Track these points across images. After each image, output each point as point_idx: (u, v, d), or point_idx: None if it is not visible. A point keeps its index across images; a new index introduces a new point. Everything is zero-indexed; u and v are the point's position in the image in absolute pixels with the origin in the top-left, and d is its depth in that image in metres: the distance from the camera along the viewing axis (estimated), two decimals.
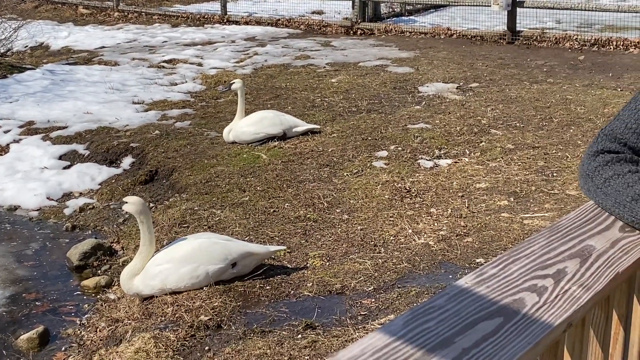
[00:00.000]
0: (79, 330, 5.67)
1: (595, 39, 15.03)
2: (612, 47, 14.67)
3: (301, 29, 17.51)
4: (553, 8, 16.63)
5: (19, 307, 6.19)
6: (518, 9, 15.43)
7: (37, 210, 8.18)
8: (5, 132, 10.10)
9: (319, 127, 9.32)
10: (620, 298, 1.89)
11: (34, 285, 6.58)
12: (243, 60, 13.75)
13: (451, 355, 1.28)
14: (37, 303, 6.25)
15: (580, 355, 1.76)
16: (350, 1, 17.57)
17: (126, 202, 5.72)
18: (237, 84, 9.15)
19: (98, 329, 5.53)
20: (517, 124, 9.25)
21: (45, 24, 17.93)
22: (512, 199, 7.01)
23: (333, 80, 11.94)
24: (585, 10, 16.46)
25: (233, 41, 15.88)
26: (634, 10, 15.86)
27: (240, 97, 9.05)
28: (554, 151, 8.22)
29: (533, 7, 15.95)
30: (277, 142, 8.87)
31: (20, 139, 9.85)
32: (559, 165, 7.77)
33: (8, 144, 9.76)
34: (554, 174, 7.56)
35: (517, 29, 15.47)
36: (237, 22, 18.32)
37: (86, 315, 5.92)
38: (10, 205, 8.28)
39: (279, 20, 18.18)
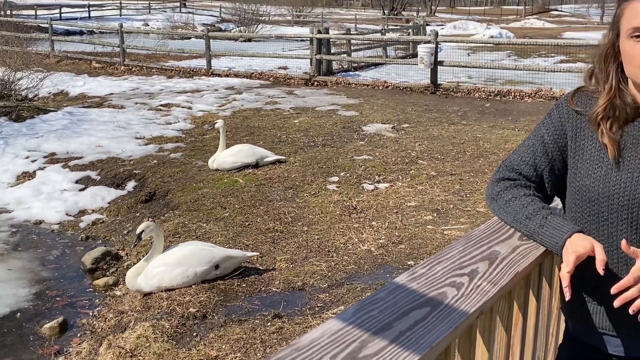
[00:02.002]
0: (91, 320, 5.60)
1: (498, 90, 15.27)
2: (511, 97, 14.91)
3: (270, 81, 17.57)
4: (465, 66, 16.90)
5: (43, 302, 6.11)
6: (439, 67, 15.64)
7: (58, 224, 8.10)
8: (32, 161, 10.00)
9: (284, 157, 9.32)
10: (519, 292, 1.92)
11: (55, 284, 6.51)
12: (224, 105, 13.73)
13: (391, 337, 1.29)
14: (57, 298, 6.18)
15: (489, 336, 1.78)
16: (309, 59, 17.68)
17: (143, 227, 5.74)
18: (219, 123, 9.16)
19: (107, 319, 5.47)
20: (439, 156, 9.34)
21: (65, 75, 17.76)
22: (435, 215, 7.06)
23: (295, 121, 11.96)
24: (490, 68, 16.75)
25: (216, 89, 15.86)
26: (528, 69, 16.16)
27: (222, 133, 9.05)
28: (467, 177, 8.31)
29: (450, 66, 16.20)
30: (251, 170, 8.86)
31: (45, 167, 9.75)
32: (471, 189, 7.85)
33: (34, 171, 9.67)
34: (467, 195, 7.63)
35: (438, 82, 15.67)
36: (219, 75, 18.33)
37: (97, 308, 5.85)
38: (36, 220, 8.20)
39: (252, 73, 18.23)
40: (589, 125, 1.81)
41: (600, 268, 1.62)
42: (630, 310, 1.58)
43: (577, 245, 1.68)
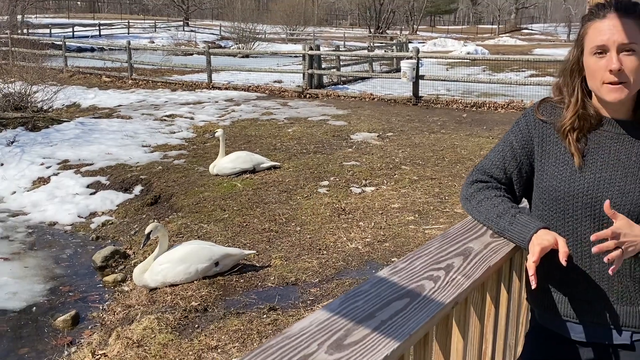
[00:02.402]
0: (101, 313, 5.59)
1: (474, 102, 15.32)
2: (486, 108, 14.96)
3: (266, 93, 17.55)
4: (444, 80, 16.95)
5: (57, 297, 6.09)
6: (420, 81, 15.68)
7: (70, 225, 8.08)
8: (47, 167, 9.96)
9: (279, 164, 9.32)
10: (491, 285, 1.92)
11: (68, 280, 6.49)
12: (224, 115, 13.72)
13: (373, 325, 1.30)
14: (70, 294, 6.16)
15: (464, 325, 1.78)
16: (301, 74, 17.70)
17: (151, 227, 5.74)
18: (219, 132, 9.15)
19: (115, 312, 5.46)
20: (420, 162, 9.37)
21: (77, 88, 17.69)
22: (416, 215, 7.07)
23: (289, 130, 11.96)
24: (467, 82, 16.80)
25: (216, 101, 15.84)
26: (501, 82, 16.25)
27: (221, 142, 9.04)
28: (446, 181, 8.33)
29: (430, 80, 16.24)
30: (248, 175, 8.85)
31: (58, 173, 9.72)
32: (450, 192, 7.87)
33: (49, 177, 9.64)
34: (446, 198, 7.66)
35: (420, 94, 15.70)
36: (219, 88, 18.31)
37: (107, 303, 5.84)
38: (50, 222, 8.18)
39: (250, 86, 18.22)
40: (554, 133, 1.83)
41: (563, 259, 1.64)
42: (605, 259, 1.59)
43: (542, 239, 1.70)
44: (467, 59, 24.87)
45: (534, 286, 1.67)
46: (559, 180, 1.78)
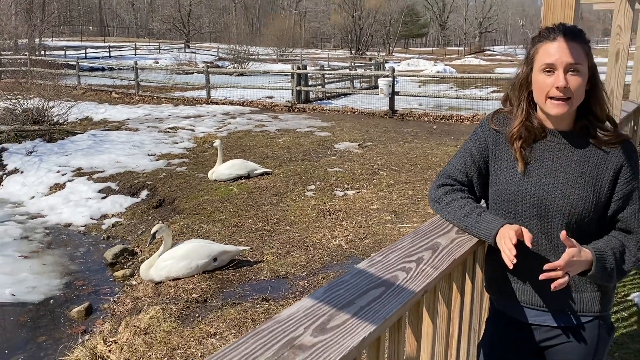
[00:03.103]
0: (112, 305, 5.55)
1: (443, 115, 15.40)
2: (453, 120, 15.05)
3: (259, 108, 17.53)
4: (417, 96, 17.05)
5: (72, 290, 6.05)
6: (395, 96, 15.74)
7: (84, 226, 8.02)
8: (63, 175, 9.89)
9: (271, 170, 9.31)
10: (457, 275, 1.93)
11: (82, 275, 6.44)
12: (221, 127, 13.68)
13: (353, 311, 1.31)
14: (83, 287, 6.11)
15: (434, 311, 1.79)
16: (290, 90, 17.71)
17: (157, 228, 5.72)
18: (217, 143, 9.14)
19: (125, 304, 5.42)
20: (396, 168, 9.39)
21: (89, 104, 17.58)
22: (393, 215, 7.09)
23: (280, 140, 11.95)
24: (437, 97, 16.87)
25: (214, 115, 15.78)
26: (467, 97, 16.33)
27: (219, 151, 9.03)
28: (418, 185, 8.36)
29: (405, 95, 16.32)
30: (243, 180, 8.84)
31: (73, 180, 9.64)
32: (422, 194, 7.90)
33: (64, 183, 9.56)
34: (419, 200, 7.68)
35: (395, 108, 15.75)
36: (217, 103, 18.25)
37: (117, 295, 5.80)
38: (65, 223, 8.12)
39: (244, 102, 18.19)
40: (505, 141, 1.85)
41: (528, 242, 1.67)
42: (553, 288, 1.62)
43: (509, 228, 1.73)
44: (437, 77, 24.98)
45: (510, 266, 1.67)
46: (510, 184, 1.81)
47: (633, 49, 7.84)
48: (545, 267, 1.63)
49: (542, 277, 1.63)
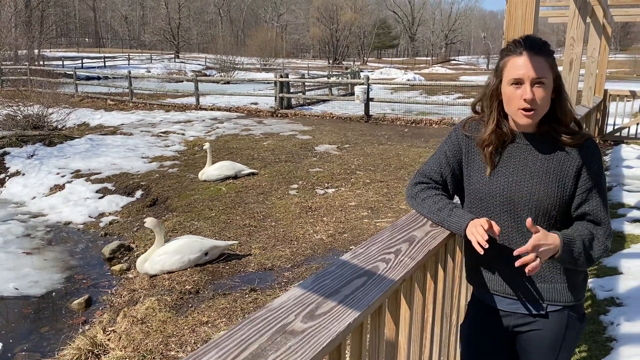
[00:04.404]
0: (110, 297, 5.49)
1: (414, 119, 15.48)
2: (423, 124, 15.13)
3: (245, 113, 17.44)
4: (390, 102, 17.10)
5: (72, 284, 5.97)
6: (370, 102, 15.78)
7: (83, 224, 7.91)
8: (62, 176, 9.74)
9: (256, 171, 9.28)
10: (431, 265, 1.94)
11: (81, 270, 6.36)
12: (210, 132, 13.58)
13: (339, 299, 1.31)
14: (83, 281, 6.04)
15: (410, 298, 1.78)
16: (274, 97, 17.66)
17: (146, 221, 5.64)
18: (206, 146, 9.07)
19: (122, 296, 5.37)
20: (371, 168, 9.43)
21: (86, 110, 17.34)
22: (369, 211, 7.12)
23: (264, 143, 11.91)
24: (407, 103, 16.96)
25: (203, 120, 15.67)
26: (435, 103, 16.43)
27: (208, 153, 8.96)
28: (392, 183, 8.40)
29: (379, 101, 16.36)
30: (231, 180, 8.79)
31: (72, 181, 9.50)
32: (395, 191, 7.95)
33: (64, 184, 9.42)
34: (393, 197, 7.72)
35: (370, 113, 15.79)
36: (205, 109, 18.12)
37: (114, 288, 5.74)
38: (65, 221, 8.00)
39: (231, 108, 18.08)
40: (476, 145, 1.87)
41: (496, 235, 1.70)
42: (527, 272, 1.63)
43: (478, 221, 1.74)
44: (407, 84, 25.10)
45: (481, 251, 1.68)
46: (481, 184, 1.83)
47: (584, 58, 7.97)
48: (515, 252, 1.65)
49: (517, 263, 1.65)
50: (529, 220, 1.62)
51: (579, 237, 1.71)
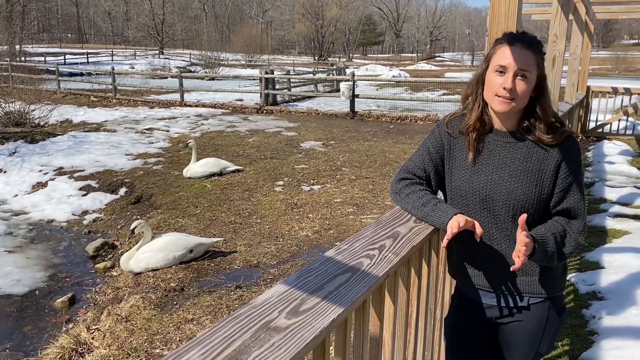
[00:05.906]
0: (94, 295, 5.44)
1: (399, 116, 15.53)
2: (408, 120, 15.18)
3: (230, 110, 17.36)
4: (375, 98, 17.13)
5: (55, 282, 5.90)
6: (356, 99, 15.79)
7: (66, 222, 7.82)
8: (45, 174, 9.61)
9: (242, 167, 9.24)
10: (415, 261, 1.94)
11: (65, 268, 6.29)
12: (194, 128, 13.50)
13: (323, 295, 1.30)
14: (66, 279, 5.97)
15: (395, 294, 1.79)
16: (259, 93, 17.61)
17: (135, 225, 5.62)
18: (191, 142, 9.02)
19: (106, 294, 5.33)
20: (357, 165, 9.44)
21: (69, 107, 17.12)
22: (355, 208, 7.13)
23: (250, 140, 11.87)
24: (393, 99, 17.02)
25: (188, 117, 15.57)
26: (420, 100, 16.50)
27: (193, 150, 8.91)
28: (377, 180, 8.43)
29: (364, 98, 16.39)
30: (216, 177, 8.75)
31: (54, 178, 9.39)
32: (381, 188, 7.97)
33: (46, 182, 9.30)
34: (378, 193, 7.75)
35: (356, 110, 15.81)
36: (190, 105, 18.00)
37: (98, 286, 5.69)
38: (48, 219, 7.90)
39: (216, 104, 17.98)
40: (458, 143, 1.88)
41: (477, 236, 1.73)
42: (515, 269, 1.67)
43: (462, 217, 1.76)
44: (392, 81, 25.18)
45: (445, 244, 1.72)
46: (462, 181, 1.84)
47: (567, 55, 8.05)
48: (512, 269, 1.68)
49: (513, 269, 1.67)
50: (523, 216, 1.64)
51: (552, 235, 1.73)
